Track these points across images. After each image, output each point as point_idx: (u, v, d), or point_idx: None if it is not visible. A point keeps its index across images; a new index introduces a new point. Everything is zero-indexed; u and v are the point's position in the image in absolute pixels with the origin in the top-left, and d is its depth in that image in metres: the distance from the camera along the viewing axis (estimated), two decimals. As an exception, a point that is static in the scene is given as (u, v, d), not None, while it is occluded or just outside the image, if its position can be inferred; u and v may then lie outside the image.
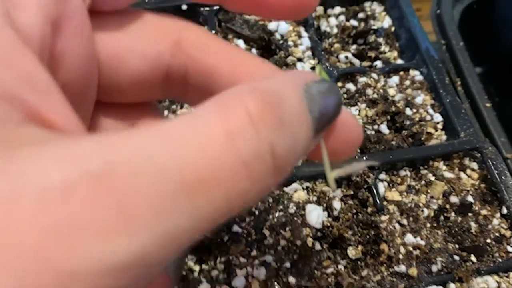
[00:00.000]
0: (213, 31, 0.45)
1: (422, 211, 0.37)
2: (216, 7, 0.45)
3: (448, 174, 0.39)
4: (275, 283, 0.33)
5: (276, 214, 0.36)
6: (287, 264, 0.34)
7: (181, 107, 0.41)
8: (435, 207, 0.37)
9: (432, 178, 0.39)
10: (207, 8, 0.45)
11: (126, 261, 0.12)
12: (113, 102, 0.21)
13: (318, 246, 0.35)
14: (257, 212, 0.36)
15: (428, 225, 0.37)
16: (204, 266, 0.34)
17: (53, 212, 0.11)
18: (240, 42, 0.45)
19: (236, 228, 0.35)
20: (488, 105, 0.45)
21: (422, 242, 0.36)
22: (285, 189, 0.37)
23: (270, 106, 0.15)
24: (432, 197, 0.38)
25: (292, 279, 0.33)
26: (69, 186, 0.11)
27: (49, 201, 0.11)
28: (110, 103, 0.21)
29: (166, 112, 0.40)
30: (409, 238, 0.36)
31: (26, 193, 0.11)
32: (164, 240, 0.12)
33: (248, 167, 0.14)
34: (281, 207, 0.36)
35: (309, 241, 0.35)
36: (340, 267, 0.34)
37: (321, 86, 0.17)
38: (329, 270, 0.34)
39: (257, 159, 0.14)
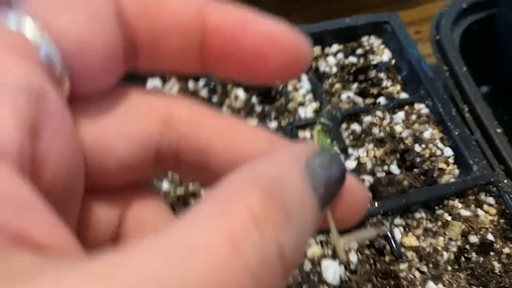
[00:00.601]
0: (212, 82, 0.44)
1: (442, 255, 0.36)
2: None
3: (465, 212, 0.38)
4: None
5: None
6: (308, 326, 0.33)
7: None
8: (455, 249, 0.36)
9: (449, 218, 0.37)
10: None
11: None
12: (102, 187, 0.20)
13: (337, 303, 0.34)
14: (271, 272, 0.35)
15: (449, 268, 0.36)
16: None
17: None
18: (240, 91, 0.44)
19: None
20: (499, 130, 0.44)
21: (445, 289, 0.34)
22: (298, 244, 0.36)
23: (273, 199, 0.14)
24: (450, 239, 0.37)
25: None
26: None
27: None
28: (99, 187, 0.20)
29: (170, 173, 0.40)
30: (431, 285, 0.34)
31: None
32: None
33: (255, 277, 0.13)
34: (295, 265, 0.35)
35: (328, 298, 0.34)
36: (363, 323, 0.33)
37: (322, 158, 0.16)
38: (352, 329, 0.33)
39: (265, 265, 0.13)
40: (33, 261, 0.12)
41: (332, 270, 0.34)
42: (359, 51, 0.47)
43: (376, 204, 0.37)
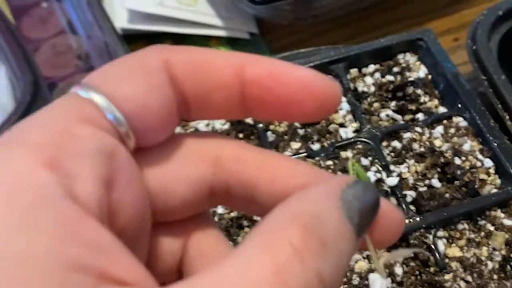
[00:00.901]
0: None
1: (486, 264, 0.37)
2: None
3: (508, 222, 0.39)
4: None
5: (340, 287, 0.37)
6: (359, 337, 0.35)
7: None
8: (499, 258, 0.37)
9: (492, 228, 0.39)
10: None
11: None
12: (165, 222, 0.23)
13: (386, 314, 0.36)
14: None
15: (495, 277, 0.37)
16: None
17: None
18: (284, 116, 0.47)
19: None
20: (540, 138, 0.44)
21: (491, 298, 0.36)
22: (346, 259, 0.38)
23: (312, 232, 0.16)
24: (494, 249, 0.38)
25: None
26: None
27: None
28: (164, 222, 0.23)
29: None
30: (477, 295, 0.36)
31: None
32: None
33: None
34: (344, 279, 0.38)
35: (377, 310, 0.36)
36: (411, 333, 0.35)
37: (356, 189, 0.18)
38: (401, 338, 0.35)
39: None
40: None
41: (379, 283, 0.37)
42: (396, 69, 0.49)
43: (418, 218, 0.39)
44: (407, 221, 0.39)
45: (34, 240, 0.15)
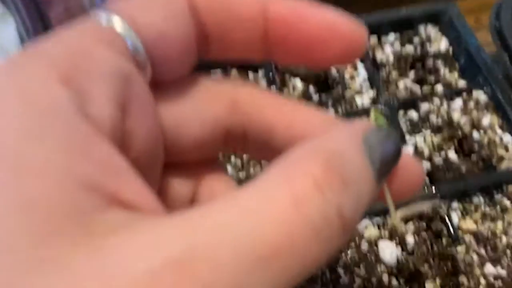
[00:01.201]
0: (271, 73, 0.46)
1: (500, 239, 0.36)
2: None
3: (525, 198, 0.38)
4: (355, 323, 0.34)
5: (349, 252, 0.36)
6: (365, 303, 0.34)
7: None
8: (514, 233, 0.36)
9: (508, 204, 0.38)
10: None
11: None
12: (179, 162, 0.22)
13: (394, 282, 0.35)
14: (330, 251, 0.36)
15: (509, 253, 0.36)
16: (283, 308, 0.35)
17: None
18: (297, 81, 0.46)
19: (310, 268, 0.36)
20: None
21: (503, 272, 0.35)
22: (356, 226, 0.37)
23: (333, 167, 0.15)
24: (509, 223, 0.37)
25: (371, 318, 0.33)
26: (155, 275, 0.12)
27: None
28: (176, 163, 0.22)
29: (233, 157, 0.42)
30: (489, 268, 0.35)
31: (116, 283, 0.12)
32: None
33: (317, 233, 0.14)
34: (353, 244, 0.36)
35: (385, 277, 0.35)
36: (420, 302, 0.34)
37: (379, 134, 0.18)
38: (408, 307, 0.34)
39: (326, 223, 0.15)
40: (127, 216, 0.15)
41: (389, 251, 0.35)
42: (416, 40, 0.47)
43: (433, 188, 0.37)
44: (421, 190, 0.37)
45: (46, 151, 0.14)
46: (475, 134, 0.41)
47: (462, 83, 0.45)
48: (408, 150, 0.40)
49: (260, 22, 0.20)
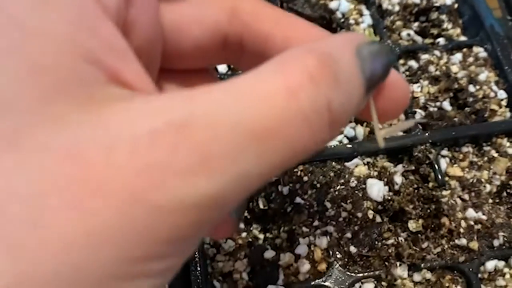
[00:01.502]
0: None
1: (485, 186, 0.37)
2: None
3: (512, 151, 0.39)
4: (337, 252, 0.35)
5: (338, 188, 0.37)
6: (348, 235, 0.35)
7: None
8: (498, 183, 0.37)
9: (495, 155, 0.39)
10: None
11: (204, 199, 0.13)
12: (174, 68, 0.22)
13: (378, 219, 0.36)
14: (318, 185, 0.37)
15: (490, 200, 0.37)
16: (268, 234, 0.36)
17: (143, 156, 0.13)
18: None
19: (298, 199, 0.37)
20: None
21: (484, 217, 0.36)
22: (346, 164, 0.38)
23: (327, 65, 0.16)
24: (495, 173, 0.38)
25: (353, 249, 0.35)
26: (156, 134, 0.13)
27: (139, 147, 0.13)
28: (171, 69, 0.22)
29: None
30: (471, 212, 0.36)
31: (120, 141, 0.13)
32: (236, 182, 0.14)
33: (307, 119, 0.15)
34: (342, 181, 0.37)
35: (370, 213, 0.36)
36: (401, 239, 0.35)
37: (372, 47, 0.18)
38: (390, 242, 0.35)
39: (316, 113, 0.15)
40: (126, 92, 0.15)
41: (376, 188, 0.36)
42: (423, -8, 0.47)
43: (426, 133, 0.38)
44: (413, 133, 0.38)
45: (53, 20, 0.14)
46: (471, 88, 0.42)
47: (463, 39, 0.45)
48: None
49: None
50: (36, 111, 0.13)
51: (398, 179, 0.37)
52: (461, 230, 0.35)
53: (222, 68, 0.42)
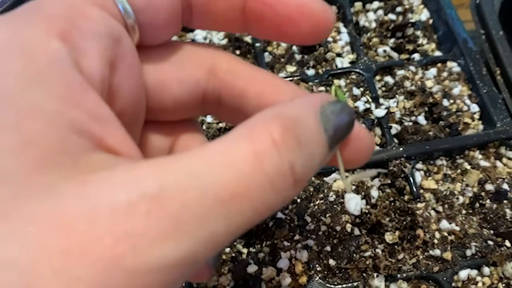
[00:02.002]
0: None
1: (458, 198, 0.39)
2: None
3: (484, 163, 0.40)
4: (317, 265, 0.36)
5: (317, 202, 0.39)
6: (328, 248, 0.37)
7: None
8: (470, 194, 0.39)
9: (468, 167, 0.40)
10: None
11: (176, 260, 0.15)
12: (158, 120, 0.24)
13: (356, 232, 0.38)
14: (299, 200, 0.39)
15: (464, 211, 0.39)
16: (251, 249, 0.38)
17: (121, 224, 0.15)
18: (282, 40, 0.47)
19: (280, 214, 0.38)
20: (528, 94, 0.45)
21: (457, 228, 0.37)
22: (325, 179, 0.40)
23: (290, 130, 0.18)
24: (467, 185, 0.39)
25: (332, 261, 0.36)
26: (132, 205, 0.15)
27: (118, 217, 0.15)
28: (156, 121, 0.24)
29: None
30: (444, 224, 0.38)
31: (101, 211, 0.15)
32: (204, 243, 0.16)
33: (272, 183, 0.17)
34: (321, 195, 0.39)
35: (348, 227, 0.37)
36: (378, 251, 0.37)
37: (335, 106, 0.20)
38: (367, 254, 0.36)
39: (280, 176, 0.17)
40: (110, 158, 0.17)
41: (354, 202, 0.38)
42: (399, 9, 0.49)
43: (401, 148, 0.40)
44: (389, 148, 0.40)
45: (43, 97, 0.16)
46: (445, 102, 0.43)
47: (438, 54, 0.47)
48: (381, 112, 0.42)
49: None
50: (27, 182, 0.15)
51: (374, 192, 0.39)
52: (435, 241, 0.37)
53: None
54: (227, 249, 0.37)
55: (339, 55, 0.46)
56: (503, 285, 0.36)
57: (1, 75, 0.16)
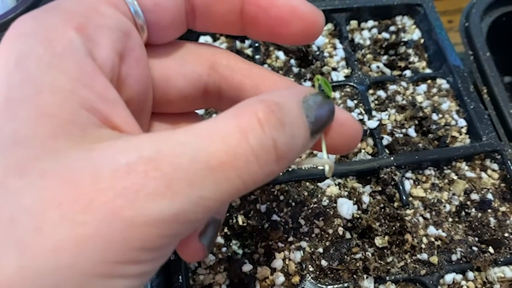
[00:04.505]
0: (256, 44, 0.50)
1: (445, 206, 0.41)
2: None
3: (470, 174, 0.42)
4: (309, 265, 0.38)
5: (311, 206, 0.40)
6: (320, 250, 0.38)
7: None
8: (457, 203, 0.41)
9: (455, 177, 0.42)
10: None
11: (168, 216, 0.17)
12: (164, 112, 0.27)
13: (348, 235, 0.39)
14: (293, 204, 0.40)
15: (450, 219, 0.40)
16: (246, 250, 0.39)
17: (121, 181, 0.17)
18: (280, 54, 0.50)
19: (275, 217, 0.40)
20: (512, 112, 0.48)
21: (444, 234, 0.39)
22: (319, 184, 0.41)
23: (274, 111, 0.20)
24: (454, 194, 0.41)
25: (324, 262, 0.38)
26: (131, 166, 0.17)
27: (119, 175, 0.17)
28: (162, 113, 0.26)
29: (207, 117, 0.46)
30: (432, 230, 0.39)
31: (103, 170, 0.17)
32: (194, 204, 0.18)
33: (256, 156, 0.19)
34: (315, 200, 0.41)
35: (340, 230, 0.39)
36: (368, 253, 0.38)
37: (317, 98, 0.23)
38: (358, 256, 0.38)
39: (263, 150, 0.19)
40: (114, 133, 0.19)
41: (346, 207, 0.40)
42: (392, 28, 0.52)
43: (392, 157, 0.42)
44: (380, 157, 0.42)
45: (58, 77, 0.18)
46: (434, 116, 0.46)
47: (428, 71, 0.50)
48: (373, 124, 0.45)
49: (237, 1, 0.24)
50: (41, 147, 0.17)
51: (366, 198, 0.40)
52: (423, 246, 0.39)
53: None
54: (223, 249, 0.39)
55: (334, 69, 0.48)
56: (487, 289, 0.37)
57: (25, 57, 0.18)
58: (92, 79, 0.19)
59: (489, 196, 0.41)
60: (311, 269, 0.38)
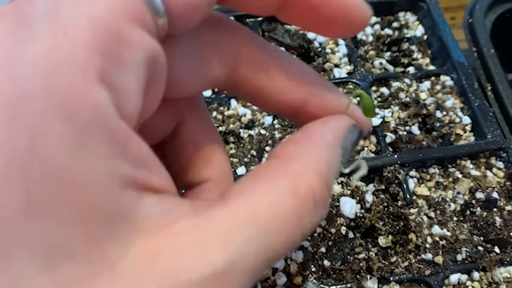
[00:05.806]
0: (258, 40, 0.49)
1: (449, 205, 0.40)
2: (260, 18, 0.50)
3: (475, 172, 0.42)
4: (312, 265, 0.37)
5: (313, 205, 0.40)
6: (323, 249, 0.38)
7: (228, 109, 0.45)
8: (462, 202, 0.40)
9: (459, 176, 0.42)
10: (251, 19, 0.49)
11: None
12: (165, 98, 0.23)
13: (351, 235, 0.38)
14: (296, 203, 0.39)
15: (455, 218, 0.40)
16: (248, 249, 0.38)
17: None
18: (282, 49, 0.49)
19: (277, 216, 0.39)
20: (517, 108, 0.47)
21: (448, 233, 0.39)
22: (322, 182, 0.41)
23: (326, 181, 0.20)
24: (458, 193, 0.41)
25: (327, 262, 0.37)
26: (204, 283, 0.16)
27: None
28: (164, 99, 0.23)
29: (214, 113, 0.45)
30: (436, 229, 0.39)
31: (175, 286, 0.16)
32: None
33: (303, 234, 0.19)
34: (317, 198, 0.40)
35: (343, 229, 0.38)
36: (371, 253, 0.37)
37: (353, 135, 0.22)
38: (361, 256, 0.37)
39: (312, 225, 0.19)
40: (158, 202, 0.17)
41: (349, 206, 0.39)
42: (395, 24, 0.51)
43: (395, 155, 0.41)
44: (384, 155, 0.41)
45: (89, 161, 0.15)
46: (438, 114, 0.45)
47: (431, 68, 0.49)
48: (376, 121, 0.44)
49: None
50: (90, 260, 0.15)
51: (369, 197, 0.40)
52: (427, 246, 0.38)
53: (207, 92, 0.45)
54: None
55: (337, 65, 0.48)
56: (492, 289, 0.37)
57: (41, 137, 0.14)
58: (126, 146, 0.16)
59: (495, 194, 0.40)
60: (313, 269, 0.37)
